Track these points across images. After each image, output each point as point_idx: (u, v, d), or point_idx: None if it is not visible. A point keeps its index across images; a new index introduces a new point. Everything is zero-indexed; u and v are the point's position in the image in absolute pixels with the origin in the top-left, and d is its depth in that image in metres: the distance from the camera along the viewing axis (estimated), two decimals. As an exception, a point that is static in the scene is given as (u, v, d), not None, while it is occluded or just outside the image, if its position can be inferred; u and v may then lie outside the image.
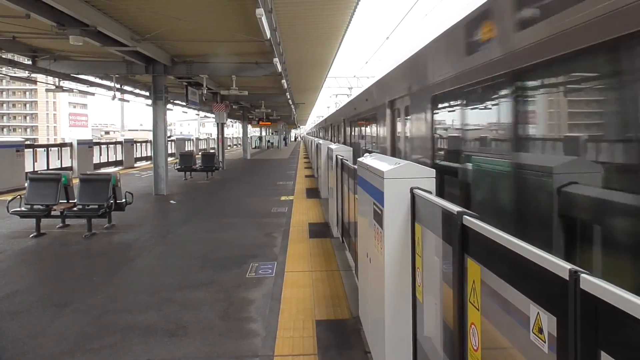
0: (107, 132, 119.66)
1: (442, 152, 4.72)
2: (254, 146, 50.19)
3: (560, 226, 2.56)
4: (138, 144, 26.98)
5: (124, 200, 8.66)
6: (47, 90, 19.08)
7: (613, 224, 2.22)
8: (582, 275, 1.09)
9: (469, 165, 3.85)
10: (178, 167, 17.97)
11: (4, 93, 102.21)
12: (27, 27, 9.18)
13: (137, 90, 21.15)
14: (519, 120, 2.98)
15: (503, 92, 3.22)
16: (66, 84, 16.88)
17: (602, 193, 2.29)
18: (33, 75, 16.75)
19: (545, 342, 1.28)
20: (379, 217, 3.01)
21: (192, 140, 39.83)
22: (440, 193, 3.39)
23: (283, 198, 12.38)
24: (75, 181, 8.71)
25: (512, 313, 1.54)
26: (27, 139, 22.19)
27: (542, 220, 2.73)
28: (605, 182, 2.29)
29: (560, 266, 1.18)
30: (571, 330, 1.13)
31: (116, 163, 23.35)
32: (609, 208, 2.22)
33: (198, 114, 43.94)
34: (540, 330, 1.31)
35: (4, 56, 12.71)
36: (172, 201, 12.28)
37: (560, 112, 2.73)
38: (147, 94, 20.74)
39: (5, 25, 9.44)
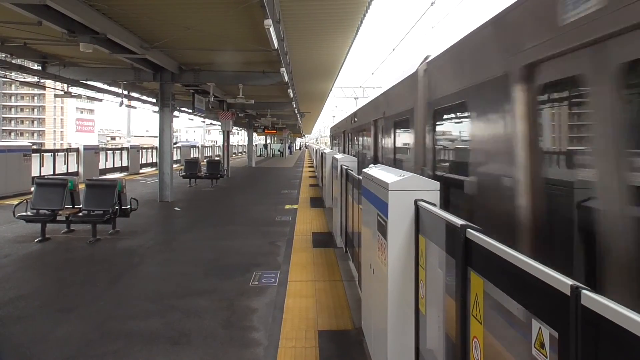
0: (113, 138, 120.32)
1: None
2: (258, 154, 50.22)
3: None
4: (144, 150, 27.12)
5: (129, 206, 8.70)
6: (56, 95, 19.30)
7: None
8: (584, 291, 1.10)
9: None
10: (183, 174, 18.03)
11: (13, 97, 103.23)
12: (38, 33, 9.33)
13: (144, 97, 21.32)
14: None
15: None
16: (74, 89, 17.05)
17: None
18: (42, 80, 16.94)
19: (547, 357, 1.29)
20: (382, 229, 3.03)
21: (198, 147, 39.99)
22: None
23: (287, 207, 12.40)
24: (81, 186, 8.77)
25: (515, 327, 1.55)
26: (34, 144, 22.28)
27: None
28: None
29: (562, 282, 1.19)
30: (572, 346, 1.14)
31: (122, 169, 23.47)
32: None
33: (204, 121, 44.22)
34: (542, 345, 1.31)
35: (14, 62, 12.87)
36: (176, 208, 12.32)
37: None
38: (154, 100, 20.92)
39: (17, 32, 9.59)
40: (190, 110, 21.49)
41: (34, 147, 17.03)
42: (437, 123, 4.76)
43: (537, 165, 2.80)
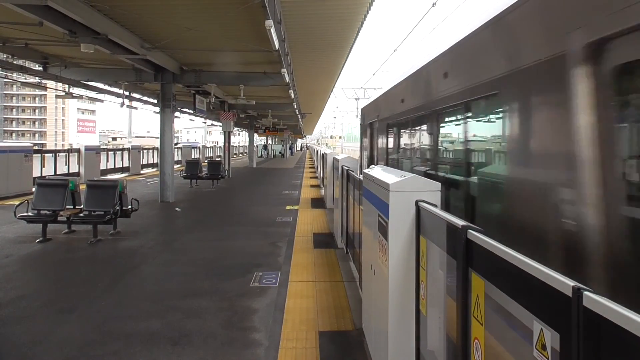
0: (114, 139, 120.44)
1: None
2: (259, 155, 50.14)
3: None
4: (145, 151, 27.12)
5: (130, 207, 8.70)
6: (57, 96, 19.31)
7: None
8: (585, 292, 1.09)
9: None
10: (184, 174, 18.04)
11: (14, 98, 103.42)
12: (40, 34, 9.34)
13: (145, 98, 21.35)
14: None
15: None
16: (76, 90, 17.07)
17: None
18: (43, 81, 16.96)
19: (548, 359, 1.29)
20: (383, 229, 3.02)
21: (199, 147, 40.01)
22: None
23: (288, 207, 12.39)
24: (82, 187, 8.78)
25: (516, 328, 1.55)
26: (35, 144, 22.37)
27: None
28: None
29: (564, 283, 1.19)
30: (574, 347, 1.13)
31: (123, 169, 23.48)
32: None
33: (205, 122, 44.21)
34: (544, 347, 1.31)
35: (15, 62, 12.88)
36: (177, 208, 12.32)
37: None
38: (155, 101, 20.94)
39: (18, 32, 9.60)
40: (191, 111, 21.51)
41: (35, 147, 17.06)
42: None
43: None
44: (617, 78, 2.11)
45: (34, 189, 8.61)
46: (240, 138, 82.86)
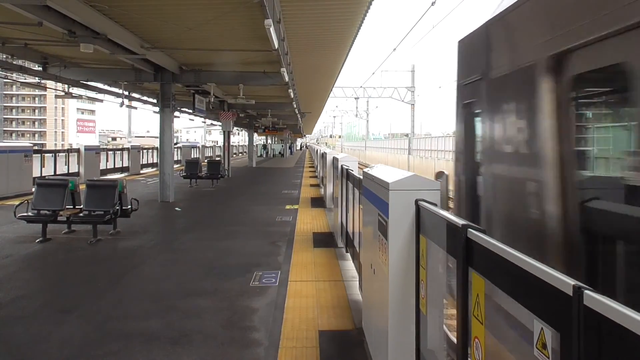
0: (114, 138, 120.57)
1: None
2: (258, 155, 50.08)
3: None
4: (144, 151, 27.12)
5: (129, 206, 8.70)
6: (57, 96, 19.33)
7: None
8: (586, 291, 1.09)
9: None
10: (184, 174, 18.04)
11: (14, 98, 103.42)
12: (39, 34, 9.32)
13: (144, 97, 21.34)
14: None
15: None
16: (75, 90, 17.06)
17: None
18: (43, 81, 16.94)
19: (548, 358, 1.28)
20: (383, 229, 3.02)
21: (198, 147, 40.01)
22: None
23: (288, 207, 12.39)
24: (82, 187, 8.77)
25: (516, 327, 1.54)
26: (35, 144, 22.43)
27: None
28: None
29: (564, 282, 1.19)
30: (574, 346, 1.13)
31: (122, 169, 23.48)
32: None
33: (205, 122, 44.16)
34: (544, 346, 1.31)
35: (15, 63, 12.87)
36: (177, 208, 12.32)
37: None
38: (155, 101, 20.93)
39: (18, 32, 9.59)
40: (190, 111, 21.49)
41: (35, 147, 17.05)
42: None
43: None
44: None
45: (33, 189, 8.59)
46: (239, 138, 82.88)
